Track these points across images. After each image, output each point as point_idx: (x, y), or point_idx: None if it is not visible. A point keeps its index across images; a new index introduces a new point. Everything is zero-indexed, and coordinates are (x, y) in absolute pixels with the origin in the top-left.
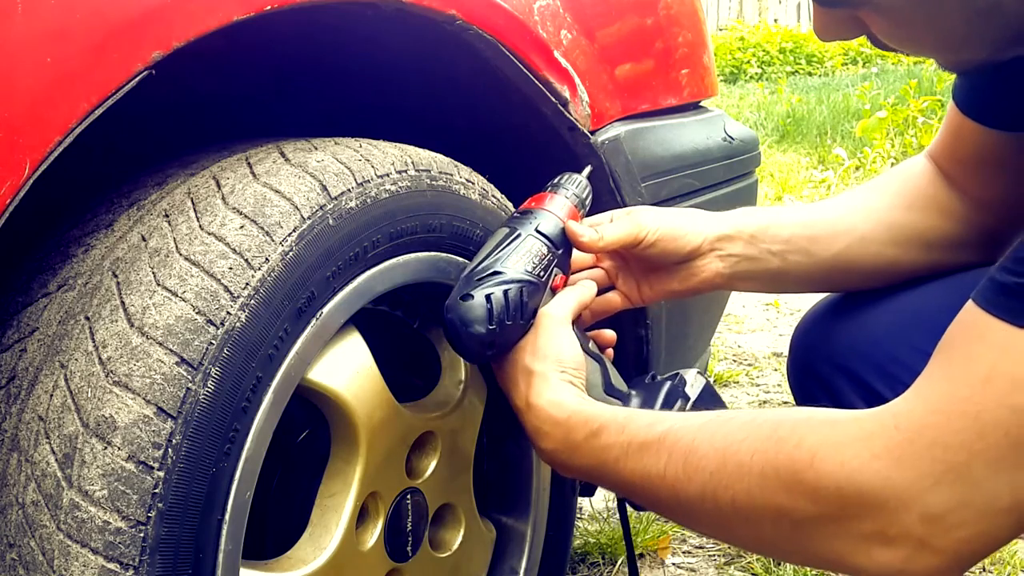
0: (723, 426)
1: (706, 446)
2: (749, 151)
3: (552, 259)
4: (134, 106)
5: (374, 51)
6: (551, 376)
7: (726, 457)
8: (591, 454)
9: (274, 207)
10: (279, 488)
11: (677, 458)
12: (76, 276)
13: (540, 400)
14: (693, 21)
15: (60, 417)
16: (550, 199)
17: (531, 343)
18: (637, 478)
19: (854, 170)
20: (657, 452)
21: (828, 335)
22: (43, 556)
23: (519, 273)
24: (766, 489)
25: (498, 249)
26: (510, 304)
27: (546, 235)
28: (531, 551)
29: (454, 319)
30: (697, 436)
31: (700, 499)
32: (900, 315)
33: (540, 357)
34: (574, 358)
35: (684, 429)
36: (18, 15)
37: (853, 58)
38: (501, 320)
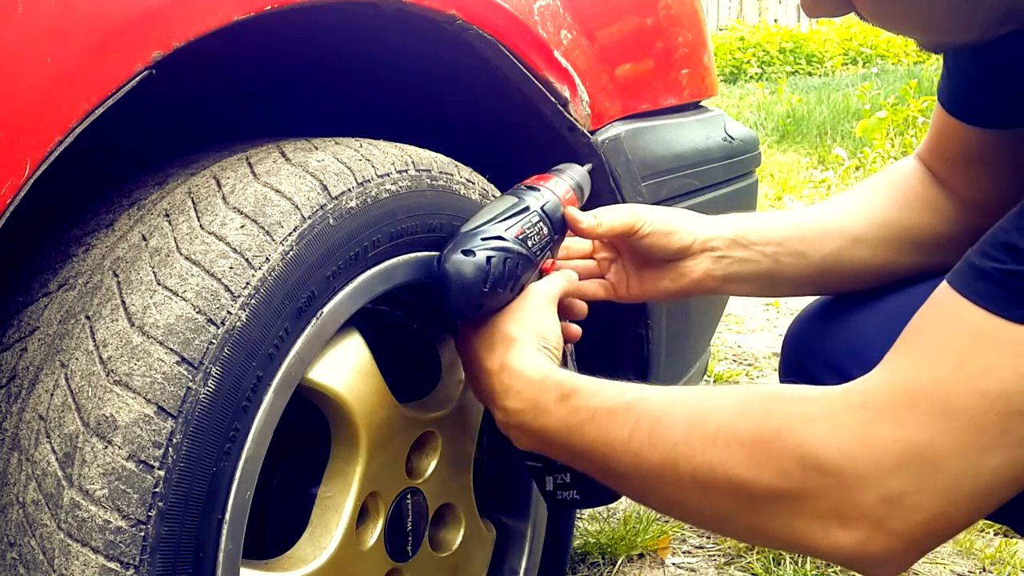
0: (693, 397)
1: (673, 416)
2: (749, 151)
3: (549, 241)
4: (134, 106)
5: (374, 51)
6: (530, 344)
7: (692, 427)
8: (559, 416)
9: (274, 207)
10: (279, 488)
11: (643, 426)
12: (77, 275)
13: (517, 362)
14: (693, 21)
15: (61, 416)
16: (554, 181)
17: (515, 312)
18: (600, 444)
19: (854, 170)
20: (624, 419)
21: (821, 335)
22: (43, 555)
23: (520, 246)
24: (729, 461)
25: (504, 216)
26: (506, 271)
27: (548, 215)
28: (531, 551)
29: (450, 271)
30: (666, 407)
31: (661, 469)
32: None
33: (523, 326)
34: (556, 336)
35: (654, 399)
36: (18, 15)
37: (853, 58)
38: (494, 285)
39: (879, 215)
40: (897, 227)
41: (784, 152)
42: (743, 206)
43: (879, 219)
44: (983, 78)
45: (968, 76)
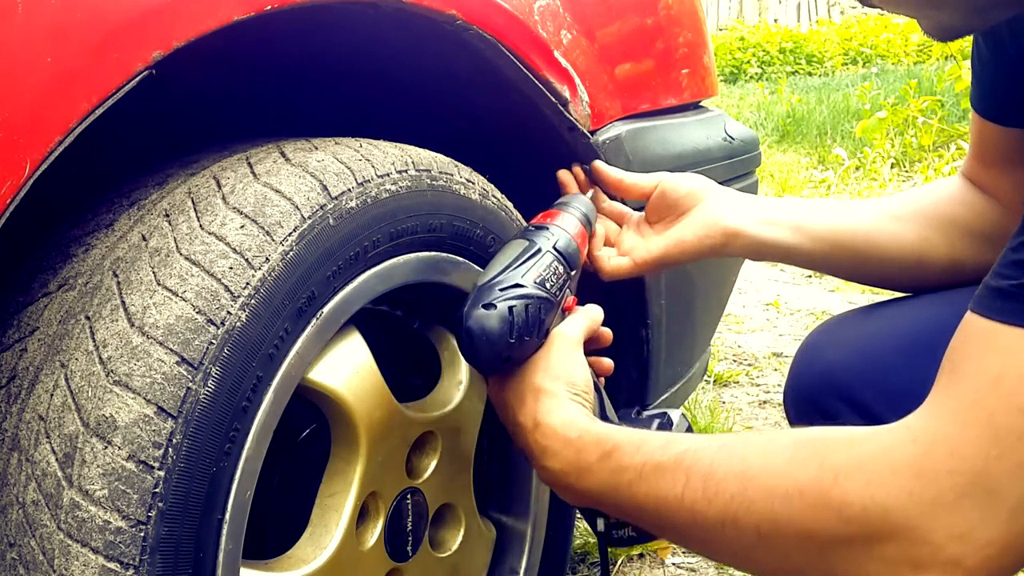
0: (742, 448)
1: (725, 468)
2: (749, 151)
3: (567, 279)
4: (135, 106)
5: (374, 51)
6: (562, 395)
7: (747, 480)
8: (603, 476)
9: (274, 207)
10: (279, 488)
11: (696, 481)
12: (76, 276)
13: (550, 418)
14: (693, 21)
15: (60, 416)
16: (562, 217)
17: (543, 361)
18: (652, 502)
19: (854, 170)
20: (674, 474)
21: (832, 365)
22: (43, 555)
23: (539, 289)
24: (791, 511)
25: (518, 262)
26: (530, 319)
27: (562, 253)
28: (531, 551)
29: (474, 328)
30: (716, 458)
31: (720, 524)
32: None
33: (552, 376)
34: (585, 380)
35: (702, 451)
36: (18, 15)
37: (853, 58)
38: (521, 334)
39: (919, 201)
40: (936, 212)
41: (784, 152)
42: None
43: (919, 204)
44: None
45: (990, 74)
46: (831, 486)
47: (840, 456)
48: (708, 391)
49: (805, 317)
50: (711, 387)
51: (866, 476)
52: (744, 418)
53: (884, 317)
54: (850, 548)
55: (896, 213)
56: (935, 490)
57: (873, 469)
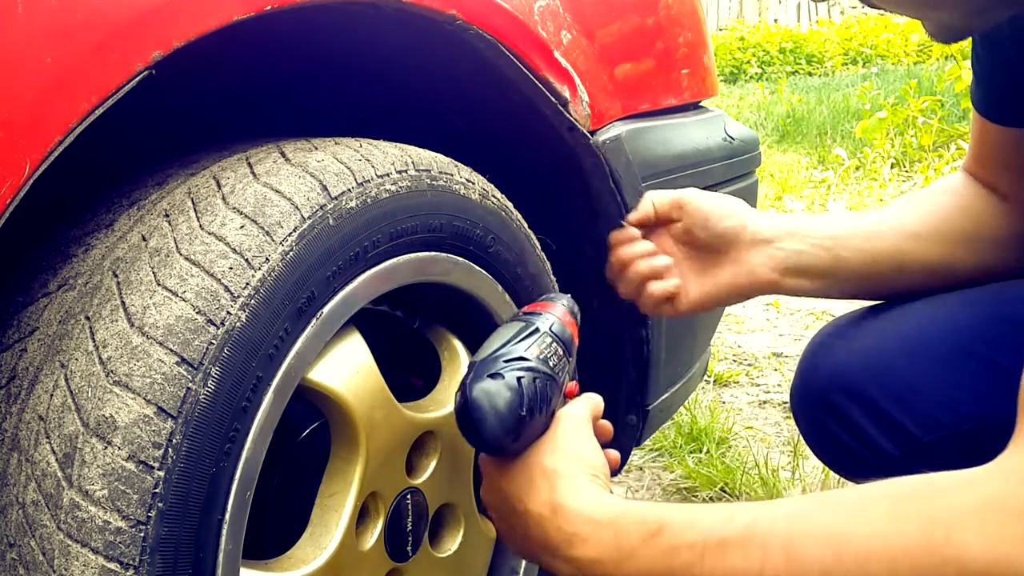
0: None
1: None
2: (749, 151)
3: (566, 363)
4: (135, 106)
5: (374, 51)
6: (580, 477)
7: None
8: (651, 559)
9: (274, 207)
10: (279, 488)
11: (775, 555)
12: (76, 276)
13: (573, 502)
14: (693, 21)
15: (60, 417)
16: (551, 306)
17: (549, 443)
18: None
19: (854, 170)
20: (745, 551)
21: (842, 364)
22: (43, 556)
23: (544, 366)
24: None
25: (517, 338)
26: (538, 392)
27: (558, 336)
28: None
29: (481, 399)
30: (792, 525)
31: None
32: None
33: (563, 458)
34: (602, 463)
35: (772, 519)
36: (18, 15)
37: (853, 58)
38: (531, 408)
39: (934, 216)
40: (951, 226)
41: (784, 152)
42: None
43: (934, 219)
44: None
45: (989, 74)
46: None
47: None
48: (708, 391)
49: (805, 317)
50: (711, 387)
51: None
52: (744, 418)
53: (891, 317)
54: None
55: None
56: None
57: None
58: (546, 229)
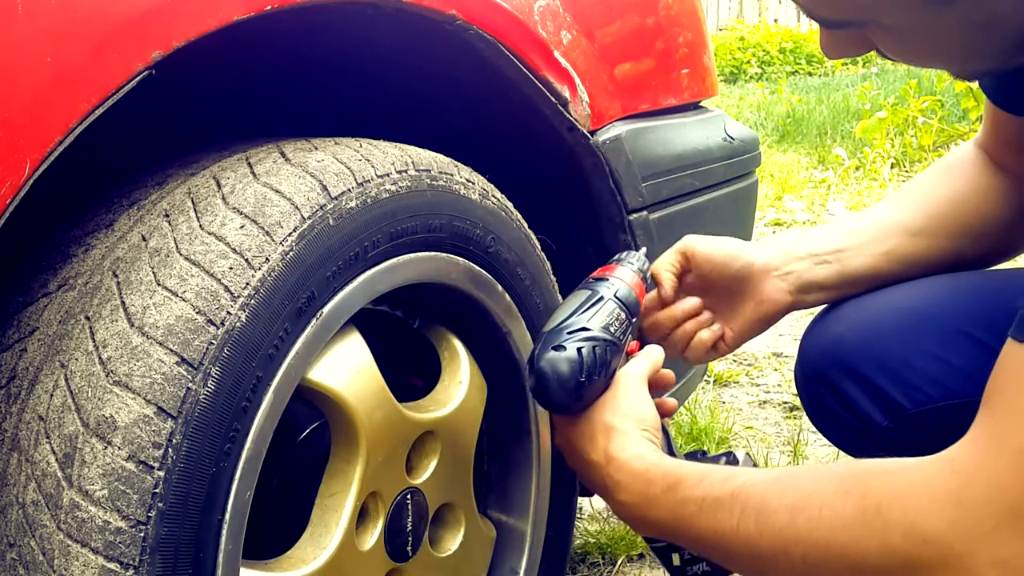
0: (792, 481)
1: (776, 501)
2: (749, 151)
3: (628, 324)
4: (135, 106)
5: (374, 51)
6: (633, 432)
7: (795, 513)
8: (668, 508)
9: (274, 207)
10: (279, 488)
11: (750, 513)
12: (76, 276)
13: (623, 453)
14: (693, 21)
15: (60, 417)
16: (619, 270)
17: (611, 401)
18: (711, 534)
19: (854, 170)
20: (731, 508)
21: (837, 339)
22: (43, 556)
23: (605, 333)
24: (835, 543)
25: (583, 308)
26: (597, 359)
27: (623, 300)
28: (531, 551)
29: (546, 368)
30: (768, 491)
31: (773, 555)
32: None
33: (621, 414)
34: (653, 417)
35: (755, 484)
36: (18, 15)
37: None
38: (590, 374)
39: (935, 208)
40: (954, 217)
41: (784, 152)
42: (743, 206)
43: (935, 212)
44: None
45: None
46: (874, 516)
47: (882, 486)
48: (708, 391)
49: (806, 317)
50: (711, 387)
51: (906, 506)
52: (744, 418)
53: (889, 296)
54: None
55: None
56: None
57: (913, 499)
58: (546, 229)
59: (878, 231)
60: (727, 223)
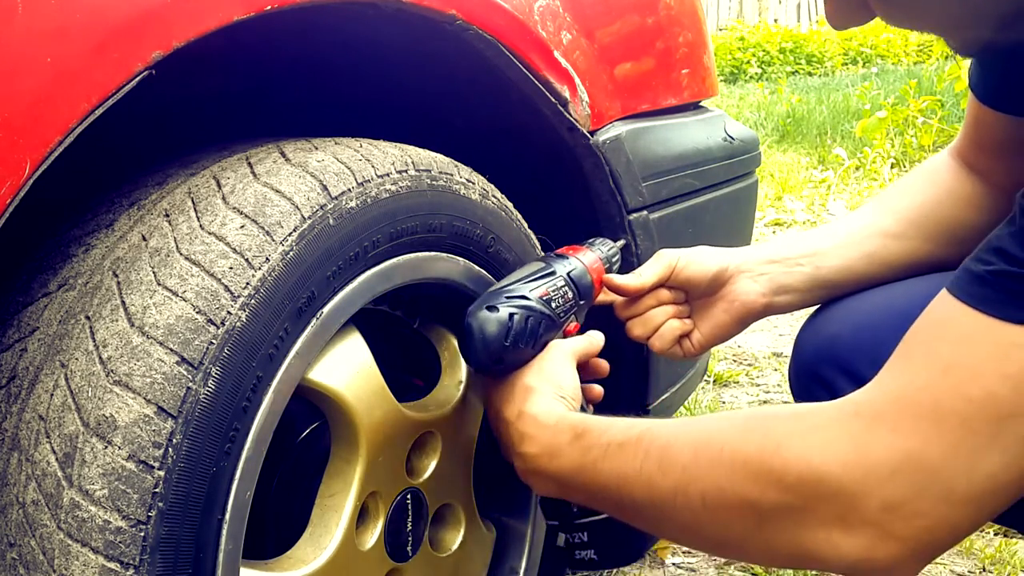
0: (697, 423)
1: (680, 443)
2: (749, 151)
3: (573, 304)
4: (135, 106)
5: (374, 51)
6: (548, 393)
7: (698, 452)
8: (572, 456)
9: (274, 207)
10: (279, 488)
11: (653, 455)
12: (76, 276)
13: (532, 409)
14: (693, 21)
15: (60, 416)
16: (584, 252)
17: (536, 365)
18: (614, 479)
19: (854, 170)
20: (634, 450)
21: (833, 338)
22: (43, 555)
23: (543, 306)
24: (734, 480)
25: (530, 278)
26: (528, 329)
27: (574, 281)
28: (531, 551)
29: (473, 325)
30: (673, 434)
31: (672, 495)
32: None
33: (543, 378)
34: (573, 387)
35: (661, 428)
36: (18, 15)
37: (853, 58)
38: (515, 340)
39: (914, 213)
40: (933, 221)
41: (784, 152)
42: (743, 206)
43: (914, 216)
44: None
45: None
46: (772, 455)
47: (784, 427)
48: (708, 391)
49: (805, 317)
50: (711, 387)
51: (805, 445)
52: None
53: (884, 294)
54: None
55: (892, 231)
56: (870, 462)
57: (813, 439)
58: (546, 229)
59: (855, 235)
60: (727, 223)
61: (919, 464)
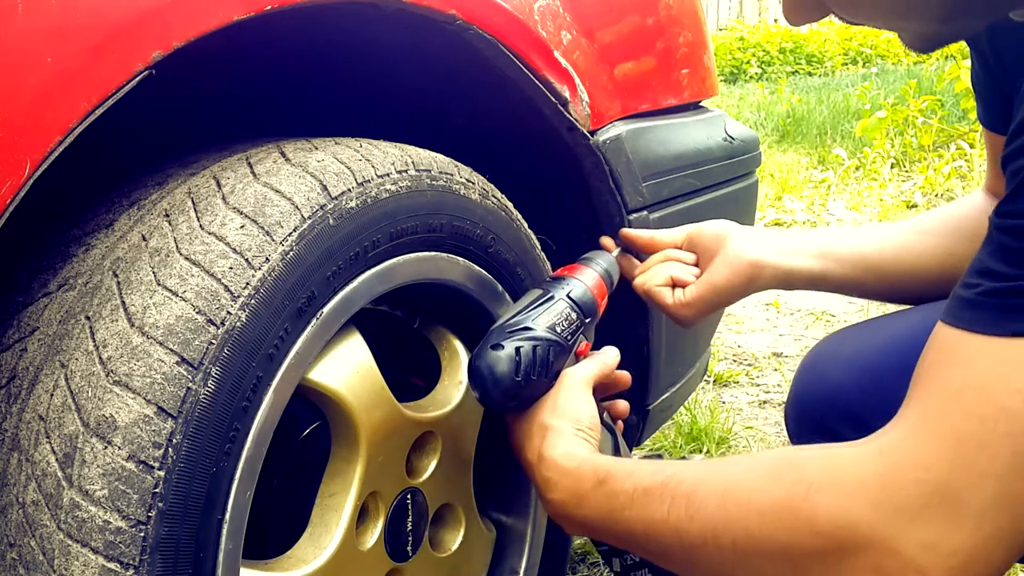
0: (723, 467)
1: (707, 488)
2: (749, 151)
3: (579, 325)
4: (135, 106)
5: (374, 51)
6: (566, 431)
7: (726, 496)
8: (598, 503)
9: (274, 207)
10: (279, 488)
11: (680, 501)
12: (76, 276)
13: (552, 452)
14: (693, 21)
15: (60, 416)
16: (581, 270)
17: (551, 400)
18: (641, 526)
19: (854, 170)
20: (661, 496)
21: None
22: (43, 556)
23: (548, 332)
24: (765, 526)
25: (530, 307)
26: (537, 359)
27: (576, 301)
28: (531, 551)
29: (482, 367)
30: (698, 478)
31: (702, 541)
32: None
33: (558, 414)
34: (591, 418)
35: (686, 472)
36: (18, 15)
37: (853, 58)
38: (527, 374)
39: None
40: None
41: (784, 152)
42: (744, 206)
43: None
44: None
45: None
46: (802, 500)
47: (812, 471)
48: (708, 391)
49: (805, 317)
50: (711, 387)
51: (835, 489)
52: (744, 418)
53: (886, 333)
54: (822, 562)
55: (924, 227)
56: (900, 500)
57: (842, 482)
58: (546, 229)
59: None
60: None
61: (947, 496)
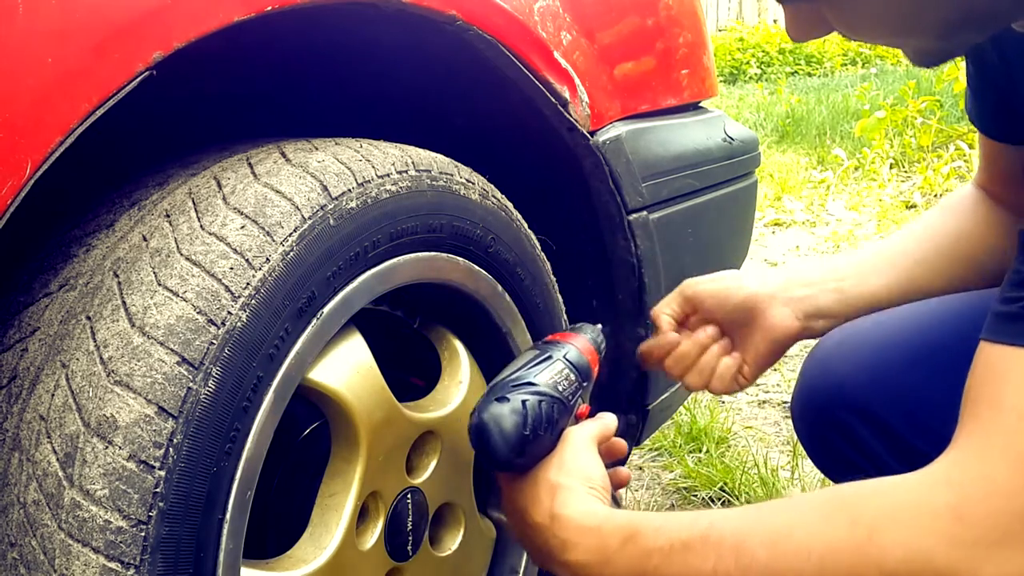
0: (768, 514)
1: (756, 537)
2: (749, 151)
3: (578, 388)
4: (135, 106)
5: (374, 51)
6: (578, 489)
7: (776, 547)
8: (628, 562)
9: (275, 207)
10: (279, 488)
11: (726, 554)
12: (77, 276)
13: (567, 510)
14: (693, 22)
15: (61, 416)
16: (573, 336)
17: (557, 459)
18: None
19: (853, 170)
20: (703, 551)
21: (841, 378)
22: (44, 555)
23: (552, 390)
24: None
25: (530, 365)
26: (543, 414)
27: (573, 363)
28: None
29: (487, 419)
30: (742, 527)
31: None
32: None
33: (566, 472)
34: (603, 477)
35: (726, 522)
36: (19, 15)
37: (852, 59)
38: (535, 428)
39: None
40: (959, 249)
41: (784, 152)
42: (743, 206)
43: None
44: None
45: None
46: (866, 543)
47: (871, 509)
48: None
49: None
50: None
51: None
52: (744, 418)
53: (893, 326)
54: None
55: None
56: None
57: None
58: (546, 229)
59: (881, 260)
60: (727, 223)
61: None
